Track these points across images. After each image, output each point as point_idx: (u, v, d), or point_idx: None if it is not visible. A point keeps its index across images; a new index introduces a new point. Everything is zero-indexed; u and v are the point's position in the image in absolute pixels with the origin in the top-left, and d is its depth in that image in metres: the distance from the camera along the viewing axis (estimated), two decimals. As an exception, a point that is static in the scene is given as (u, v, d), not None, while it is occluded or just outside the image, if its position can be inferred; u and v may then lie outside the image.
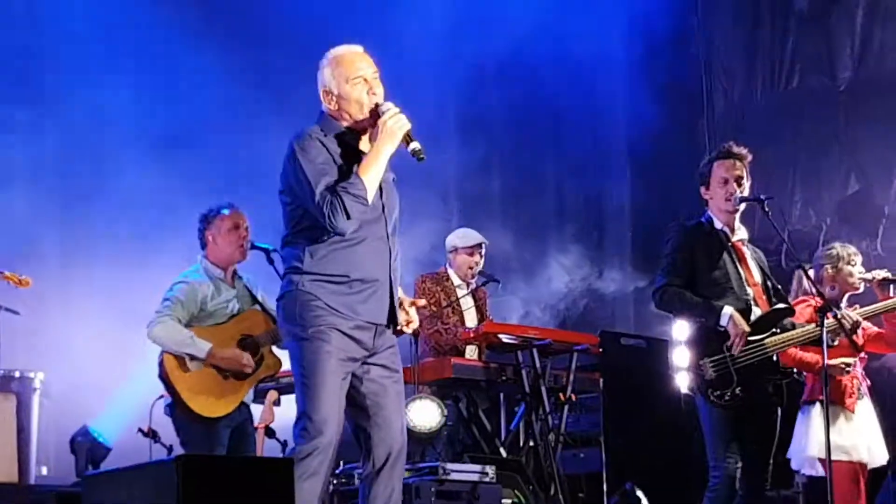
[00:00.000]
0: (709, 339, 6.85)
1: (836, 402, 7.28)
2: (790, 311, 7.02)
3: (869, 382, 7.78)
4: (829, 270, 7.71)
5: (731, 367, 6.78)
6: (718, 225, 7.07)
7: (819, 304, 6.98)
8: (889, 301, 7.45)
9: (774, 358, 6.92)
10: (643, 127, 11.95)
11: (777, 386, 6.95)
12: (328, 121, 5.80)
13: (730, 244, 7.05)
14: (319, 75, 5.82)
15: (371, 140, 5.74)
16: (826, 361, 6.81)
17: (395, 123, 5.67)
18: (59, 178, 11.42)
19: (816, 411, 7.59)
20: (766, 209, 6.98)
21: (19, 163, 11.39)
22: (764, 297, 7.02)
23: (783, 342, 6.91)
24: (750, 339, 6.82)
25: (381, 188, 5.76)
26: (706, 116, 11.80)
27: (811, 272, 7.60)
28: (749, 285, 7.00)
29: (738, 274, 6.99)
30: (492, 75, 12.46)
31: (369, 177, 5.63)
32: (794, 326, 7.01)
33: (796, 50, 11.38)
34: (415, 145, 5.70)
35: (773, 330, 6.91)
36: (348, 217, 5.58)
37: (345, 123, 5.79)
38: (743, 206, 7.05)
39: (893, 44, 10.97)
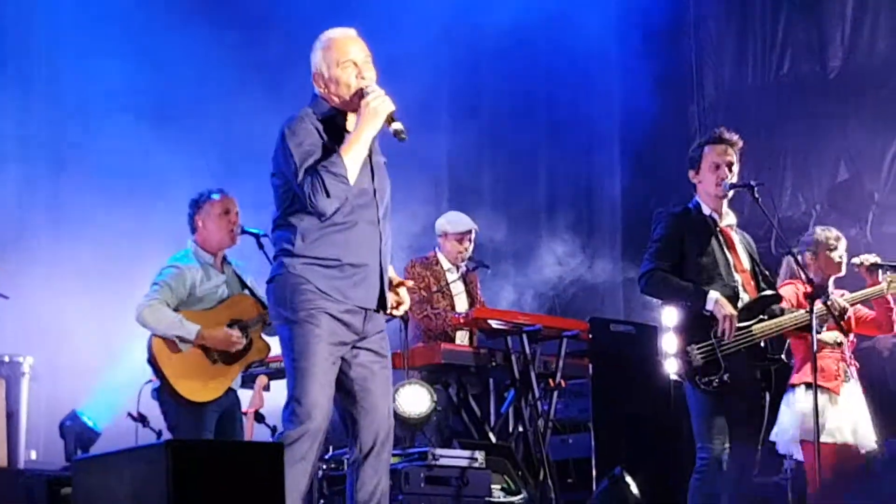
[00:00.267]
0: (696, 326, 6.85)
1: (821, 385, 7.28)
2: (777, 298, 7.03)
3: (857, 365, 7.80)
4: (809, 256, 7.72)
5: (719, 353, 6.78)
6: (706, 210, 7.06)
7: (807, 291, 6.98)
8: (875, 287, 7.46)
9: (762, 344, 6.92)
10: (635, 113, 11.96)
11: (765, 372, 6.95)
12: (319, 103, 5.80)
13: (718, 230, 7.04)
14: (312, 58, 5.82)
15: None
16: (815, 343, 6.81)
17: (379, 104, 5.66)
18: (45, 160, 11.38)
19: (800, 394, 7.61)
20: (757, 195, 6.98)
21: (5, 144, 11.36)
22: (752, 284, 7.02)
23: (771, 328, 6.91)
24: (738, 325, 6.82)
25: (371, 172, 5.77)
26: (697, 103, 11.81)
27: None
28: (737, 271, 7.00)
29: (727, 260, 6.99)
30: (486, 61, 12.43)
31: (350, 156, 5.62)
32: (782, 312, 7.01)
33: (787, 37, 11.39)
34: (397, 125, 5.69)
35: (761, 316, 6.91)
36: (328, 195, 5.56)
37: (335, 106, 5.79)
38: (732, 192, 7.05)
39: (884, 31, 10.99)
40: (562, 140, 12.70)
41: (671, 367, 6.91)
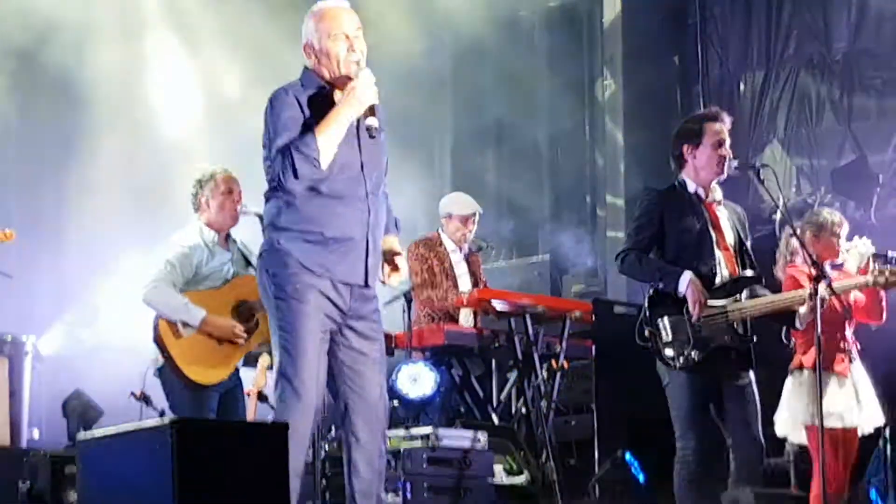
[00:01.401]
0: (668, 301, 6.82)
1: (826, 367, 7.25)
2: (756, 279, 6.96)
3: (859, 346, 7.78)
4: (810, 236, 7.67)
5: (689, 329, 6.76)
6: (692, 187, 6.98)
7: (811, 273, 6.95)
8: (860, 279, 7.37)
9: (735, 325, 6.87)
10: (639, 95, 11.94)
11: (740, 353, 6.89)
12: (308, 75, 5.75)
13: (702, 206, 6.99)
14: (303, 28, 5.77)
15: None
16: (819, 326, 6.78)
17: (364, 93, 5.62)
18: (51, 136, 11.37)
19: (804, 378, 7.59)
20: (761, 177, 6.96)
21: (11, 120, 11.36)
22: (735, 261, 6.97)
23: (748, 309, 6.86)
24: (712, 304, 6.79)
25: (359, 147, 5.71)
26: (702, 84, 11.78)
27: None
28: (719, 248, 6.94)
29: (710, 237, 6.94)
30: (488, 38, 12.40)
31: (324, 136, 5.55)
32: (761, 294, 6.95)
33: (793, 19, 11.35)
34: (372, 121, 5.65)
35: (737, 297, 6.87)
36: (296, 176, 5.52)
37: (324, 79, 5.73)
38: (737, 172, 7.03)
39: (890, 13, 10.96)
40: (564, 120, 12.68)
41: (641, 339, 6.88)
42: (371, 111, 5.65)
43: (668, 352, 6.79)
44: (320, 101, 5.67)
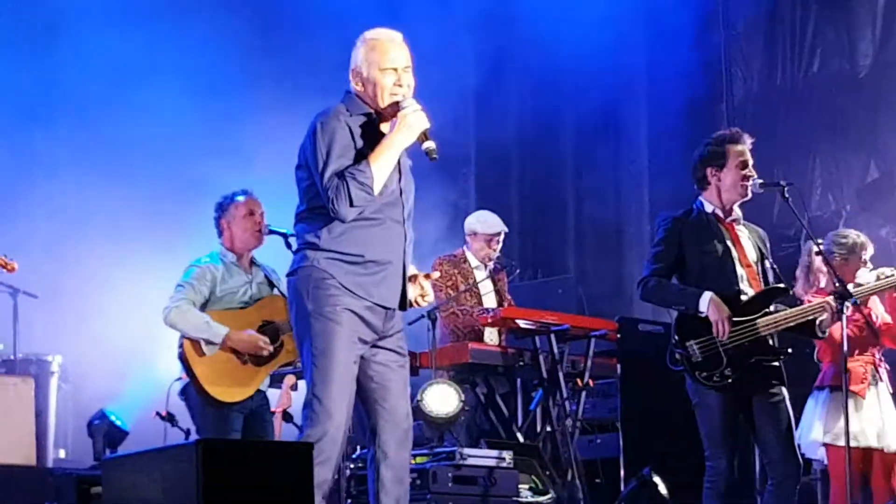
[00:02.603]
0: (696, 321, 6.79)
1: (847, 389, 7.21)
2: (783, 291, 6.93)
3: (888, 367, 7.74)
4: (840, 260, 7.65)
5: (720, 348, 6.74)
6: (709, 208, 6.99)
7: (834, 290, 6.92)
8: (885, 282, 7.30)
9: (769, 339, 6.84)
10: (662, 111, 11.92)
11: (772, 367, 6.87)
12: (353, 101, 5.80)
13: (721, 226, 6.97)
14: (354, 53, 5.81)
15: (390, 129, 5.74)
16: (846, 345, 6.75)
17: (416, 119, 5.68)
18: (74, 159, 11.41)
19: (824, 397, 7.57)
20: (786, 195, 6.94)
21: (37, 142, 11.42)
22: (759, 278, 6.95)
23: (775, 322, 6.83)
24: (740, 319, 6.76)
25: (399, 172, 5.77)
26: (726, 102, 11.76)
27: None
28: (742, 266, 6.93)
29: (731, 256, 6.92)
30: (513, 53, 12.40)
31: (379, 165, 5.62)
32: (792, 306, 6.92)
33: (817, 35, 11.32)
34: (429, 144, 5.72)
35: (766, 310, 6.84)
36: (351, 205, 5.58)
37: (369, 106, 5.78)
38: (762, 191, 7.01)
39: (914, 28, 10.92)
40: (588, 137, 12.66)
41: (673, 363, 6.87)
42: (425, 136, 5.70)
43: (701, 373, 6.76)
44: (367, 127, 5.73)
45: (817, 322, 6.91)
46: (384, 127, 5.76)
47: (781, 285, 6.93)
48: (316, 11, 11.52)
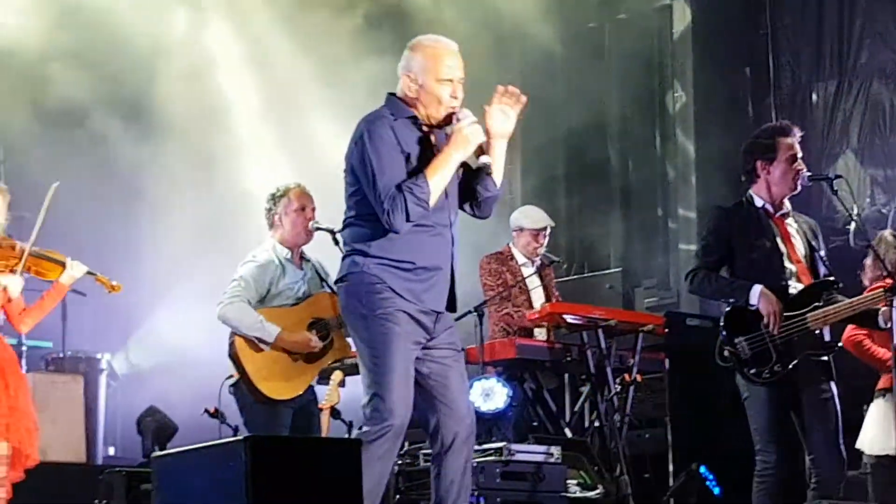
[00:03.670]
0: (744, 317, 6.77)
1: None
2: (832, 284, 6.88)
3: None
4: (894, 256, 7.58)
5: (769, 343, 6.70)
6: (759, 202, 6.95)
7: (886, 283, 6.85)
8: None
9: (817, 332, 6.79)
10: (710, 107, 11.87)
11: (822, 362, 6.82)
12: (398, 105, 5.78)
13: (770, 221, 6.94)
14: (407, 56, 5.80)
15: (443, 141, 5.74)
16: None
17: (472, 133, 5.68)
18: (127, 160, 11.47)
19: (879, 403, 7.51)
20: (835, 188, 6.90)
21: (86, 147, 11.48)
22: (809, 272, 6.91)
23: (825, 315, 6.77)
24: (789, 314, 6.72)
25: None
26: (773, 95, 11.69)
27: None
28: (791, 261, 6.89)
29: (779, 251, 6.89)
30: (557, 51, 12.37)
31: (436, 180, 5.64)
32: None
33: (865, 27, 11.24)
34: (486, 158, 5.76)
35: (815, 304, 6.79)
36: (407, 219, 5.60)
37: (415, 112, 5.77)
38: (811, 184, 6.97)
39: (964, 20, 10.83)
40: (634, 132, 12.62)
41: (721, 360, 6.84)
42: (481, 149, 5.71)
43: (751, 369, 6.73)
44: (411, 131, 5.74)
45: (881, 311, 6.86)
46: (429, 132, 5.76)
47: (831, 278, 6.88)
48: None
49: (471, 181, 5.87)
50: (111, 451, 10.70)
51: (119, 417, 10.78)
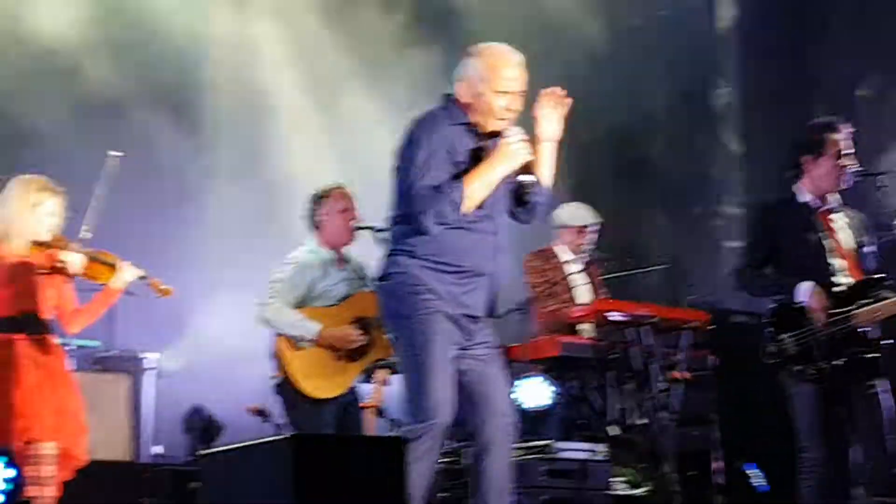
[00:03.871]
0: (789, 314, 6.74)
1: None
2: (881, 280, 6.83)
3: None
4: None
5: (815, 340, 6.67)
6: (804, 198, 6.92)
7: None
8: None
9: (864, 329, 6.73)
10: (755, 102, 11.83)
11: (870, 359, 6.77)
12: (454, 108, 5.77)
13: (815, 216, 6.89)
14: (469, 62, 5.77)
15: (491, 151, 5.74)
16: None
17: (519, 149, 5.68)
18: (173, 156, 11.51)
19: None
20: (878, 184, 6.87)
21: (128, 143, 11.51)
22: (857, 268, 6.86)
23: (873, 312, 6.71)
24: (835, 311, 6.68)
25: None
26: (818, 91, 11.63)
27: None
28: (837, 256, 6.84)
29: (826, 246, 6.84)
30: (601, 47, 12.36)
31: (473, 187, 5.63)
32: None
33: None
34: (528, 178, 5.75)
35: (861, 301, 6.73)
36: (437, 221, 5.60)
37: (469, 115, 5.75)
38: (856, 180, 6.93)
39: None
40: (677, 128, 12.59)
41: (766, 357, 6.81)
42: (526, 168, 5.70)
43: (796, 367, 6.70)
44: (465, 137, 5.73)
45: None
46: (481, 138, 5.75)
47: (878, 275, 6.84)
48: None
49: (519, 188, 5.86)
50: (158, 449, 10.74)
51: (166, 416, 10.81)
